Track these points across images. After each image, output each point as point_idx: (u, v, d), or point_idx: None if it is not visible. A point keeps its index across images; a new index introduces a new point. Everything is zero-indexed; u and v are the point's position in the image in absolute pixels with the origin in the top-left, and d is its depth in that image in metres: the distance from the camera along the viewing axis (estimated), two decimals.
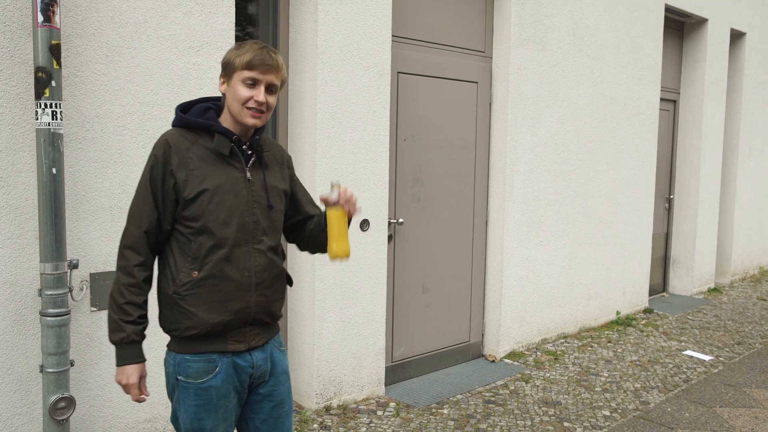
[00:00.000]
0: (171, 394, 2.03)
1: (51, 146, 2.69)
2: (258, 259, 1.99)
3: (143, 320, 1.97)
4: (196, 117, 1.98)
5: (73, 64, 2.86)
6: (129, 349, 1.95)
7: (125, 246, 1.95)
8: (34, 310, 2.82)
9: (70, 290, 2.85)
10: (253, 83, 1.93)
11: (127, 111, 3.02)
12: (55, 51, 2.68)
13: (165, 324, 2.00)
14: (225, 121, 2.00)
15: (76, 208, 2.92)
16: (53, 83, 2.68)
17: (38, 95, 2.67)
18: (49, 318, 2.76)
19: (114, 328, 1.94)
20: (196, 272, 1.92)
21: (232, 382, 1.99)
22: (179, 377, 1.97)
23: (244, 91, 1.92)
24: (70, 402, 2.82)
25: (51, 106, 2.68)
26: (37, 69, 2.67)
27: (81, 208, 2.93)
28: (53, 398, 2.77)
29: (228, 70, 1.96)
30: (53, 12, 2.66)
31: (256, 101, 1.93)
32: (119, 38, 2.98)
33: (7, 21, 2.68)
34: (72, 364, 2.86)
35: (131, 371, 1.96)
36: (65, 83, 2.83)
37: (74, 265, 2.86)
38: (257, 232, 1.99)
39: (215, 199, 1.91)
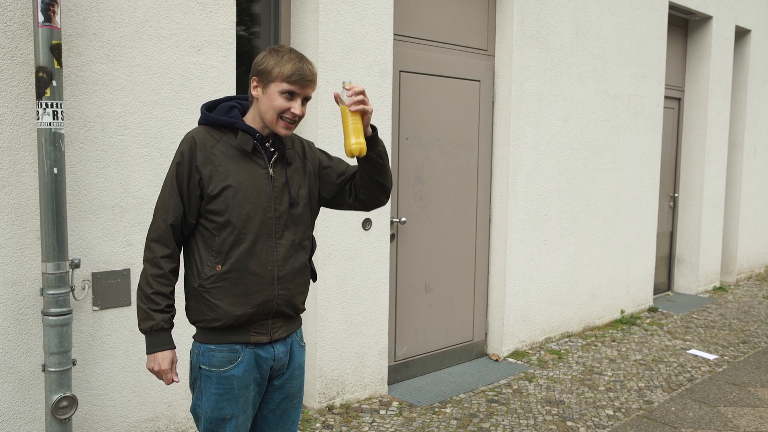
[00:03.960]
0: (193, 383, 2.10)
1: (52, 146, 2.70)
2: (280, 252, 2.05)
3: (171, 309, 2.04)
4: (221, 115, 2.04)
5: (74, 63, 2.86)
6: (159, 337, 2.02)
7: (152, 239, 2.02)
8: (36, 309, 2.83)
9: (72, 290, 2.86)
10: (290, 95, 1.98)
11: (128, 111, 3.03)
12: (55, 51, 2.68)
13: (191, 315, 2.07)
14: (249, 119, 2.05)
15: (78, 208, 2.93)
16: (54, 83, 2.68)
17: (39, 95, 2.68)
18: (51, 317, 2.76)
19: (143, 317, 2.01)
20: (219, 266, 1.99)
21: (252, 373, 2.06)
22: (202, 366, 2.05)
23: (282, 103, 1.97)
24: (72, 401, 2.82)
25: (52, 106, 2.68)
26: (38, 69, 2.67)
27: (82, 208, 2.94)
28: (55, 397, 2.78)
29: (265, 77, 1.99)
30: (54, 12, 2.66)
31: (292, 113, 1.99)
32: (120, 38, 2.98)
33: (7, 21, 2.68)
34: (74, 364, 2.87)
35: (162, 357, 2.02)
36: (66, 83, 2.83)
37: (76, 265, 2.87)
38: (279, 227, 2.04)
39: (239, 194, 1.98)
